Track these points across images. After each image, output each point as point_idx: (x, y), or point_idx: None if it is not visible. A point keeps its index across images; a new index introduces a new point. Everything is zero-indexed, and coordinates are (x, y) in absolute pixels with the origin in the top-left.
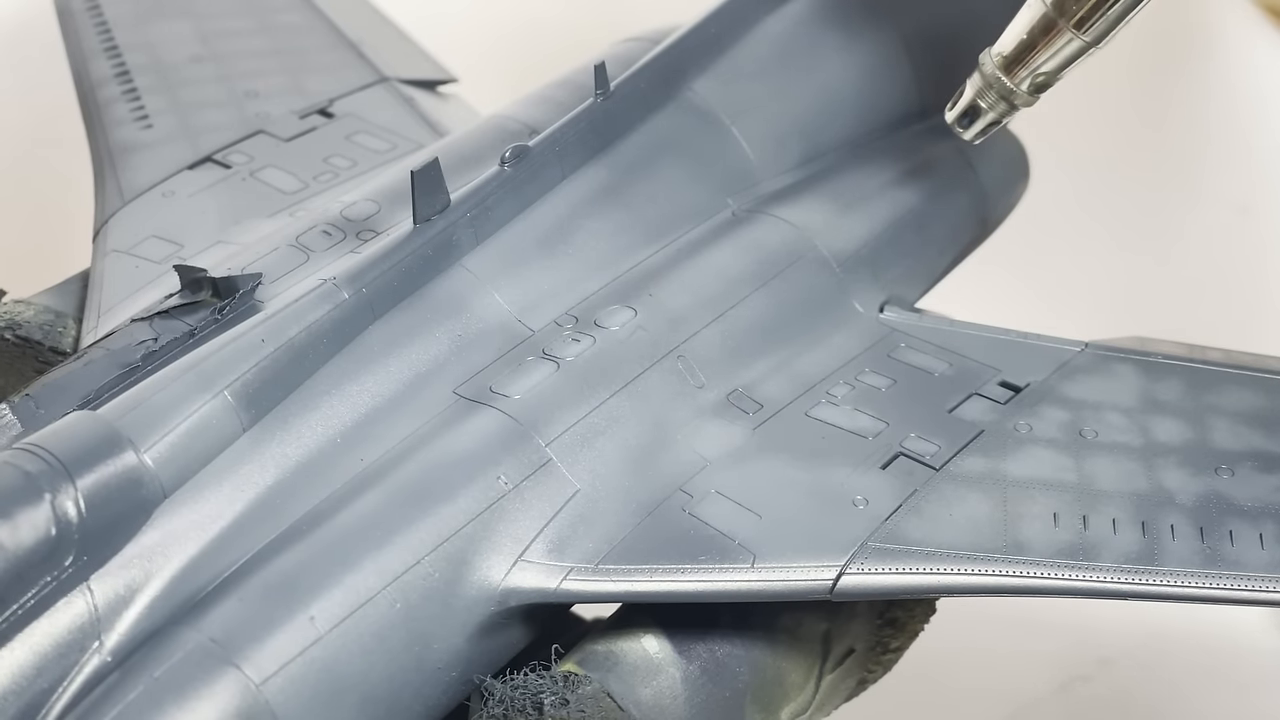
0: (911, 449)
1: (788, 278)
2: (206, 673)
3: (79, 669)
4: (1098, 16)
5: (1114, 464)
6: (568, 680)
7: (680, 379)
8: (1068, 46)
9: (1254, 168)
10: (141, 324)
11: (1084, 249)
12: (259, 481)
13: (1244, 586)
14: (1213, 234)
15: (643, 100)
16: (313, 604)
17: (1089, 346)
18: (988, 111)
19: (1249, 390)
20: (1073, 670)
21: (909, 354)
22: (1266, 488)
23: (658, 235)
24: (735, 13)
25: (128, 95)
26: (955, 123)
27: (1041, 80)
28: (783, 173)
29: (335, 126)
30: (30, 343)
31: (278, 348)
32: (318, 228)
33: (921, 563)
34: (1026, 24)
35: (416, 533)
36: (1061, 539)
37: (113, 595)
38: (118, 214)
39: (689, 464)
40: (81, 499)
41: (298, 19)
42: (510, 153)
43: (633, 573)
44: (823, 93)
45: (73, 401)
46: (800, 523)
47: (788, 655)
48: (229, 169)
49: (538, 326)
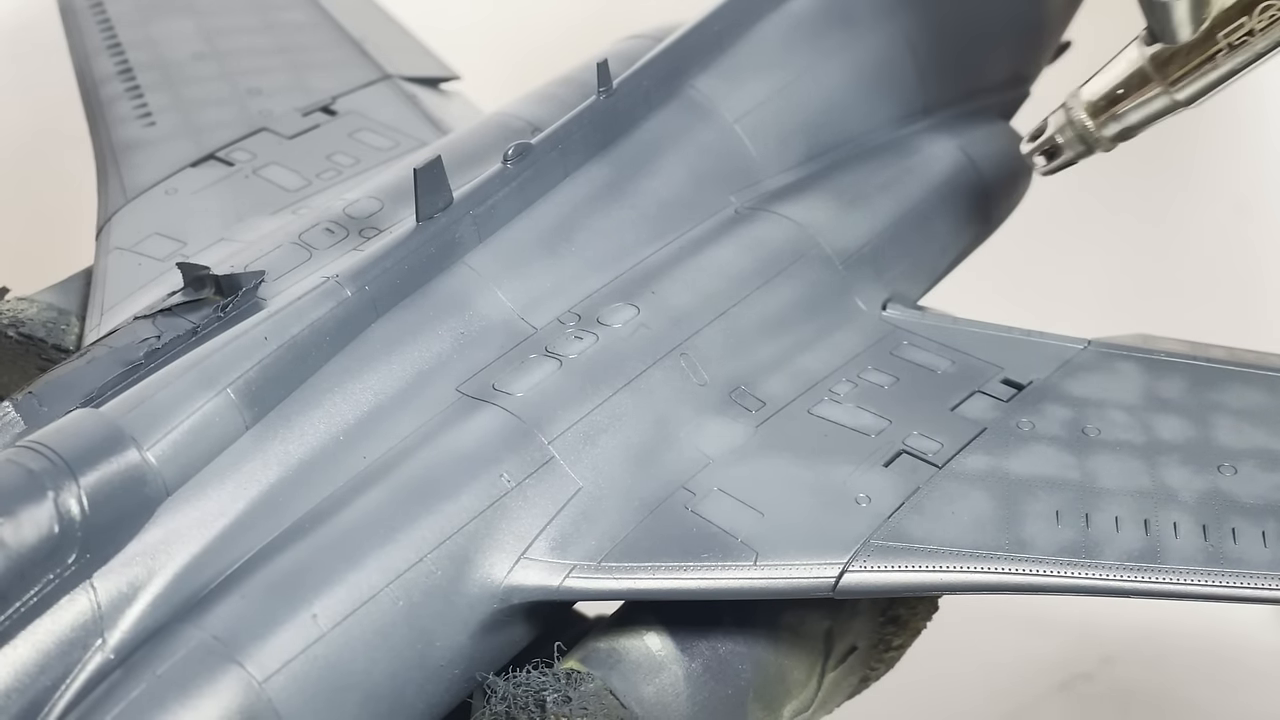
0: (914, 447)
1: (790, 275)
2: (209, 670)
3: (82, 666)
4: (1196, 78)
5: (1116, 462)
6: (570, 677)
7: (683, 376)
8: (1158, 102)
9: (1257, 164)
10: (144, 322)
11: (1087, 246)
12: (261, 479)
13: (1246, 584)
14: (1217, 230)
15: (645, 98)
16: (315, 601)
17: (1092, 344)
18: (1066, 150)
19: (1252, 388)
20: (1075, 668)
21: (911, 351)
22: (1269, 485)
23: (660, 233)
24: (738, 10)
25: (131, 93)
26: (1031, 155)
27: (1126, 131)
28: (785, 170)
29: (338, 124)
30: (33, 340)
31: (280, 345)
32: (320, 225)
33: (923, 561)
34: (1121, 73)
35: (419, 530)
36: (1064, 537)
37: (115, 593)
38: (120, 211)
39: (691, 461)
40: (84, 496)
41: (301, 16)
42: (513, 150)
43: (635, 570)
44: (825, 90)
45: (76, 399)
46: (802, 520)
47: (790, 653)
48: (232, 166)
49: (540, 324)
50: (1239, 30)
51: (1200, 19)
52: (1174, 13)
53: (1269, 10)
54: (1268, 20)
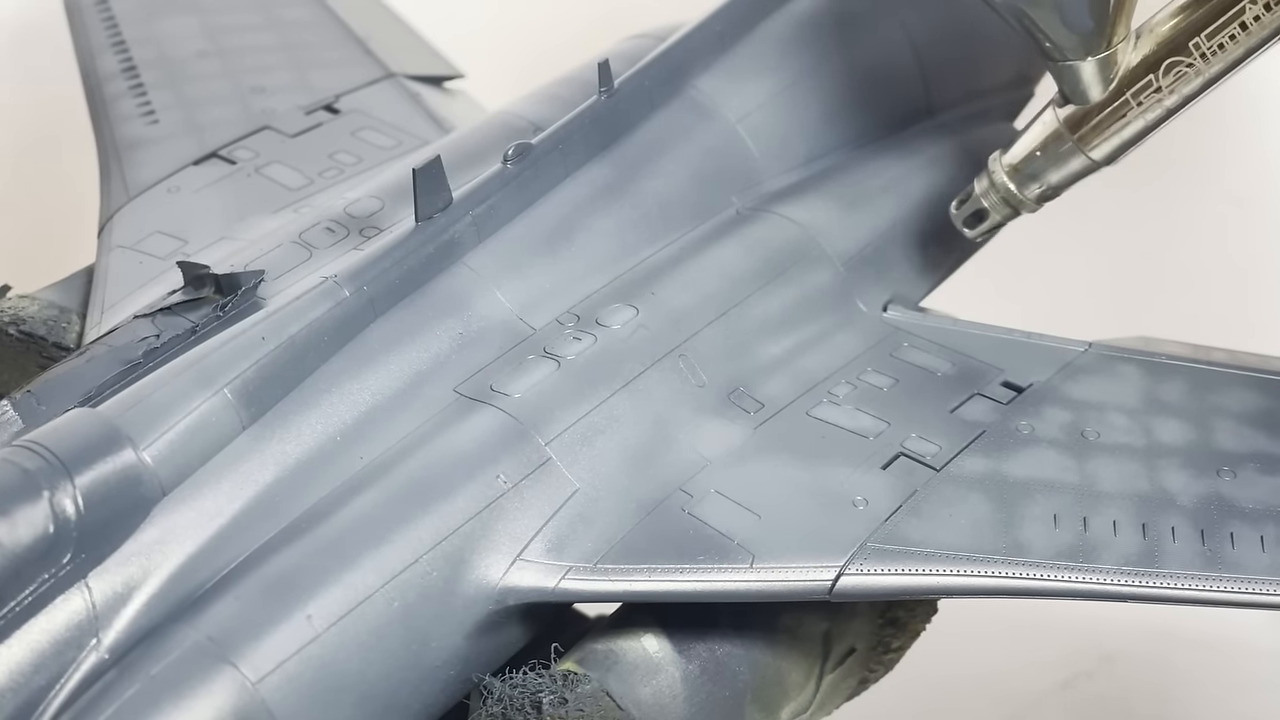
0: (912, 449)
1: (791, 276)
2: (203, 671)
3: (76, 666)
4: (1108, 137)
5: (1115, 465)
6: (567, 679)
7: (681, 378)
8: (1075, 162)
9: (1259, 165)
10: (144, 320)
11: (1090, 247)
12: (258, 479)
13: (1244, 589)
14: (1221, 232)
15: (647, 98)
16: (310, 602)
17: (1093, 346)
18: (992, 214)
19: (1253, 391)
20: (1075, 667)
21: (912, 353)
22: (1268, 490)
23: (660, 233)
24: (740, 10)
25: (134, 90)
26: (960, 221)
27: (1048, 191)
28: (787, 171)
29: (341, 123)
30: (34, 338)
31: (278, 345)
32: (321, 225)
33: (921, 564)
34: (1038, 137)
35: (415, 531)
36: (1062, 540)
37: (110, 593)
38: (123, 210)
39: (689, 463)
40: (80, 496)
41: (304, 14)
42: (513, 150)
43: (631, 572)
44: (827, 91)
45: (74, 398)
46: (800, 523)
47: (788, 655)
48: (234, 165)
49: (539, 325)
50: (1147, 89)
51: (1108, 79)
52: (1081, 75)
53: (1175, 68)
54: (1174, 78)
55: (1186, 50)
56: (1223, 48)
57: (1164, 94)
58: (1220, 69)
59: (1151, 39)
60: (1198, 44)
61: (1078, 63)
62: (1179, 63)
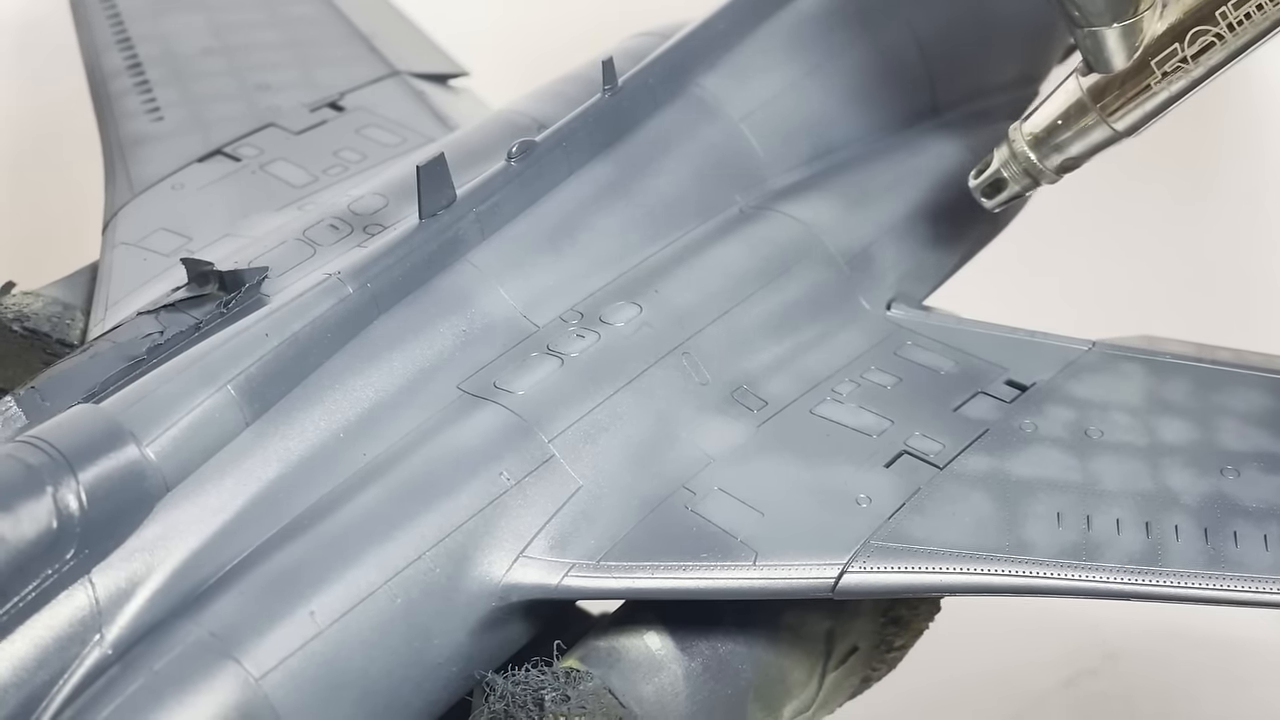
0: (915, 447)
1: (794, 275)
2: (206, 667)
3: (80, 662)
4: (1132, 108)
5: (1119, 464)
6: (569, 676)
7: (685, 376)
8: (1097, 133)
9: (1265, 163)
10: (148, 317)
11: (1094, 245)
12: (261, 476)
13: (1247, 588)
14: (1225, 230)
15: (650, 96)
16: (313, 598)
17: (1097, 345)
18: (1011, 184)
19: (1257, 391)
20: (1079, 666)
21: (915, 352)
22: (1272, 489)
23: (664, 232)
24: (744, 8)
25: (139, 87)
26: (978, 191)
27: (1069, 162)
28: (791, 169)
29: (346, 120)
30: (38, 334)
31: (282, 342)
32: (325, 222)
33: (924, 562)
34: (1060, 106)
35: (418, 528)
36: (1065, 539)
37: (114, 588)
38: (127, 206)
39: (692, 461)
40: (83, 492)
41: (310, 11)
42: (517, 148)
43: (634, 569)
44: (831, 89)
45: (78, 394)
46: (803, 521)
47: (790, 653)
48: (239, 162)
49: (543, 322)
50: (1172, 58)
51: (1133, 47)
52: (1106, 42)
53: (1201, 37)
54: (1200, 47)
55: (1213, 20)
56: (1249, 18)
57: (1190, 64)
58: (1246, 40)
59: (1178, 7)
60: (1224, 13)
61: (1102, 29)
62: (1205, 32)
